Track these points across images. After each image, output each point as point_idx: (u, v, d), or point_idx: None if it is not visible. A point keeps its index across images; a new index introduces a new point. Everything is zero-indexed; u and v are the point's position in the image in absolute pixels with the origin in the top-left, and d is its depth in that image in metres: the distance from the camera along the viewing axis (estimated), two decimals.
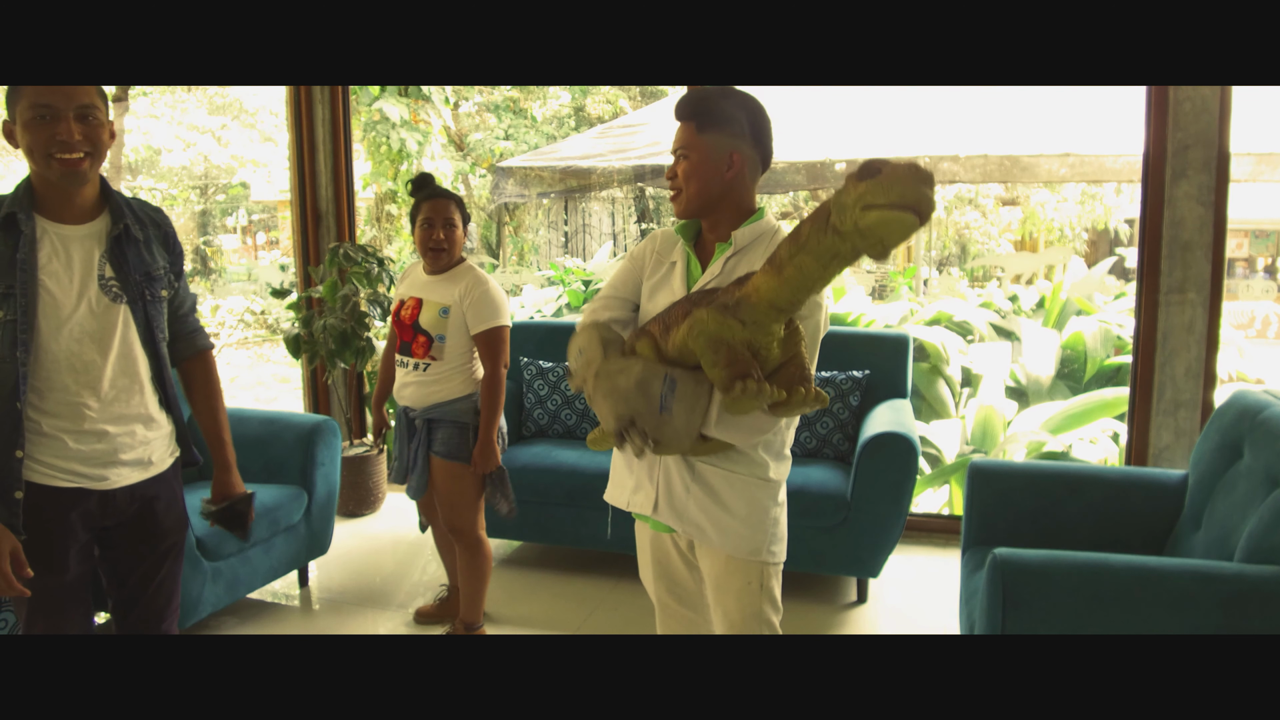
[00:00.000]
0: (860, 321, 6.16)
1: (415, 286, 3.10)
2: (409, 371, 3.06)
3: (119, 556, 2.08)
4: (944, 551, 4.06)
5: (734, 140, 1.88)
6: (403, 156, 10.61)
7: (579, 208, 13.81)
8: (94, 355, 1.95)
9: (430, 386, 3.05)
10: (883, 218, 1.39)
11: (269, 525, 3.40)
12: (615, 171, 7.55)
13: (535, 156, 8.61)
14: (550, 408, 4.22)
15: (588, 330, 1.90)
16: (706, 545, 1.94)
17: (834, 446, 3.83)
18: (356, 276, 4.55)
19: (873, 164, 1.41)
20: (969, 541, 2.85)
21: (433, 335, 3.01)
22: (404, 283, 3.17)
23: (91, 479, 1.98)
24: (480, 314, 3.00)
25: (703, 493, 1.89)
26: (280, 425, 3.75)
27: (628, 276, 2.04)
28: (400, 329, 3.09)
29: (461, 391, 3.06)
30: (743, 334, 1.63)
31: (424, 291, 3.06)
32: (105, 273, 1.97)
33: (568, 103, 13.77)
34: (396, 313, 3.11)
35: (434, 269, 3.07)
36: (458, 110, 13.13)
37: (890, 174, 1.38)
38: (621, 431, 1.76)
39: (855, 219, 1.42)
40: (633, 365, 1.76)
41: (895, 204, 1.37)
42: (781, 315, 1.63)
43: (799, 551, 3.46)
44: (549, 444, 4.06)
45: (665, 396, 1.72)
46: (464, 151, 13.27)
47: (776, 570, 1.96)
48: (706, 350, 1.66)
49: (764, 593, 1.93)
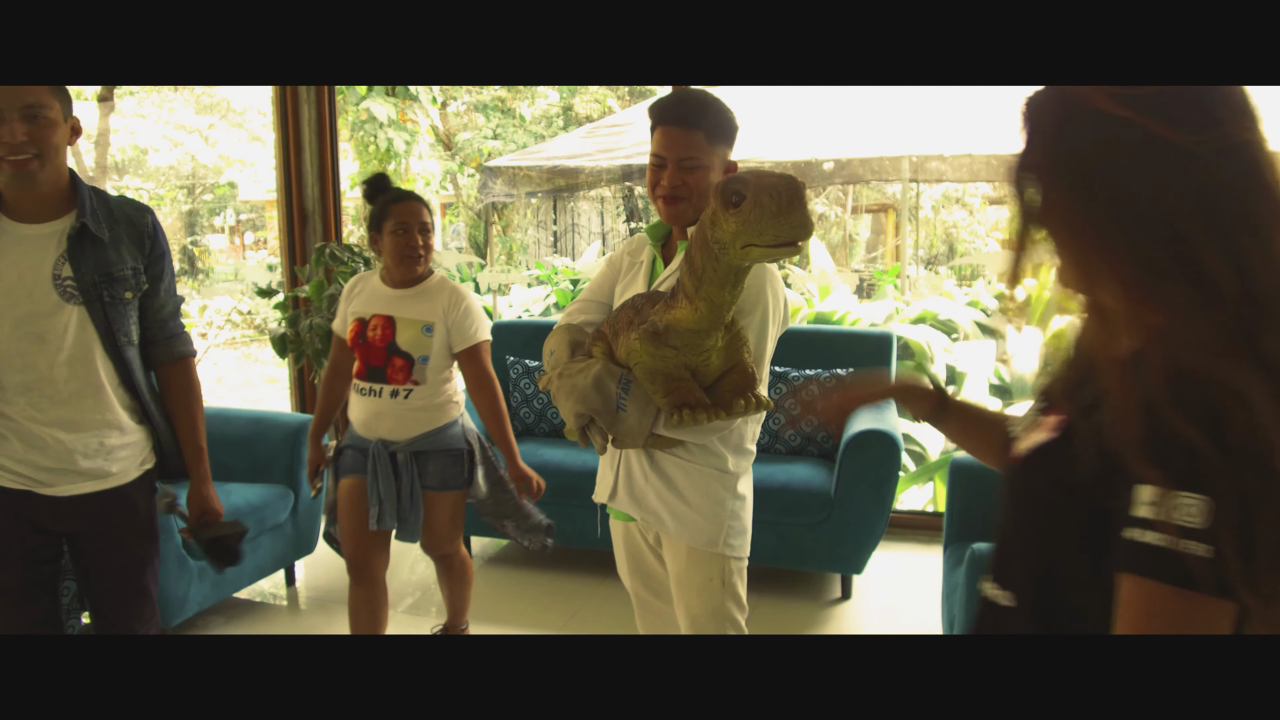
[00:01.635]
0: (846, 320, 6.18)
1: (378, 302, 2.69)
2: (383, 400, 2.65)
3: (88, 565, 2.05)
4: (928, 548, 4.09)
5: (728, 149, 1.92)
6: (390, 156, 10.61)
7: (567, 207, 13.82)
8: (37, 357, 1.90)
9: (415, 415, 2.67)
10: (764, 254, 1.46)
11: (256, 524, 3.40)
12: (603, 171, 7.57)
13: (523, 156, 8.61)
14: (536, 406, 4.24)
15: (559, 333, 2.00)
16: (664, 534, 1.96)
17: (817, 444, 3.85)
18: (343, 276, 4.55)
19: (733, 185, 1.46)
20: (951, 538, 2.88)
21: (414, 357, 2.63)
22: (357, 299, 2.74)
23: (39, 483, 1.94)
24: (466, 329, 2.67)
25: (660, 481, 1.92)
26: (267, 425, 3.75)
27: (604, 281, 2.09)
28: (367, 353, 2.66)
29: (450, 416, 2.73)
30: (677, 359, 1.69)
31: (393, 308, 2.65)
32: (62, 272, 1.92)
33: (556, 102, 13.78)
34: (358, 334, 2.67)
35: (404, 281, 2.68)
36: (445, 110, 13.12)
37: (755, 210, 1.42)
38: (582, 428, 1.84)
39: (740, 256, 1.48)
40: (591, 366, 1.83)
41: (771, 243, 1.43)
42: (709, 334, 1.67)
43: (783, 548, 3.49)
44: (535, 442, 4.07)
45: (619, 396, 1.79)
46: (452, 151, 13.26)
47: (740, 567, 1.97)
48: (645, 380, 1.74)
49: (726, 589, 1.95)
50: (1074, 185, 0.86)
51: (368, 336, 2.65)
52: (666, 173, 1.87)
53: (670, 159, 1.86)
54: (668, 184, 1.87)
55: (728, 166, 1.91)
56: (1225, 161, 0.82)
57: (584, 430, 1.84)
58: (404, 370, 2.64)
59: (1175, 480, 0.77)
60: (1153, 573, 0.77)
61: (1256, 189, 0.82)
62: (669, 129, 1.86)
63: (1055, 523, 0.91)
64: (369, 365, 2.66)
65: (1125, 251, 0.84)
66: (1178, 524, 0.76)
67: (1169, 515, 0.76)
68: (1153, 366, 0.80)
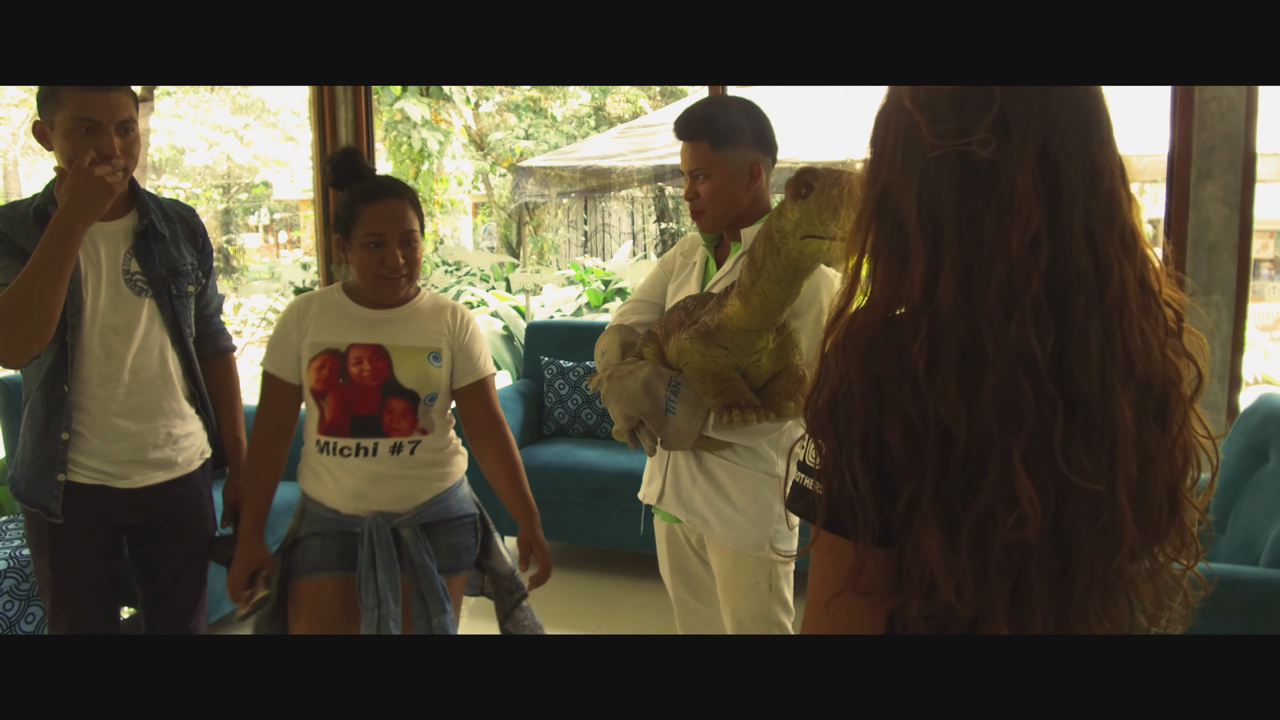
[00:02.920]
0: None
1: (356, 328, 1.98)
2: (381, 460, 1.96)
3: (147, 554, 2.09)
4: None
5: (748, 150, 1.90)
6: (424, 156, 10.69)
7: (599, 207, 13.84)
8: (118, 348, 1.96)
9: (425, 474, 2.02)
10: (821, 247, 1.45)
11: None
12: (635, 171, 7.56)
13: (555, 156, 8.63)
14: (571, 407, 4.23)
15: (611, 333, 1.98)
16: (710, 537, 1.95)
17: None
18: None
19: (804, 177, 1.46)
20: None
21: (421, 396, 1.97)
22: (316, 324, 1.99)
23: (114, 477, 1.99)
24: (475, 358, 2.05)
25: (708, 484, 1.91)
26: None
27: (657, 281, 2.09)
28: (348, 398, 1.95)
29: (460, 470, 2.11)
30: (727, 359, 1.69)
31: (382, 335, 1.97)
32: (131, 267, 1.99)
33: (588, 102, 13.81)
34: (332, 374, 1.95)
35: (389, 301, 2.00)
36: (478, 110, 13.19)
37: (820, 200, 1.42)
38: (631, 430, 1.84)
39: (799, 247, 1.48)
40: (640, 368, 1.83)
41: (830, 236, 1.42)
42: (760, 335, 1.66)
43: None
44: (569, 443, 4.07)
45: (669, 399, 1.79)
46: (484, 151, 13.33)
47: (786, 571, 1.96)
48: (695, 380, 1.74)
49: (773, 593, 1.93)
50: (868, 166, 0.90)
51: (351, 374, 1.95)
52: (688, 185, 1.93)
53: (686, 172, 1.92)
54: (688, 196, 1.94)
55: (753, 167, 1.90)
56: (949, 170, 0.82)
57: (633, 432, 1.84)
58: (407, 415, 1.96)
59: (809, 427, 0.88)
60: (791, 505, 0.92)
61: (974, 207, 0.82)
62: (681, 144, 1.92)
63: None
64: (354, 415, 1.94)
65: (868, 232, 0.88)
66: (806, 463, 0.89)
67: (804, 455, 0.90)
68: (829, 331, 0.88)
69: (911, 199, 0.84)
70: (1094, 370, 0.80)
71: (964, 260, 0.81)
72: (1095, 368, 0.80)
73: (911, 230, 0.83)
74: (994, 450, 0.79)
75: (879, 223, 0.87)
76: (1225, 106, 3.45)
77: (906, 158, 0.85)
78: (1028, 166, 0.80)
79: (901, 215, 0.84)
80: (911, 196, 0.84)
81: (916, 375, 0.81)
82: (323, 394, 1.96)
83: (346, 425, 1.95)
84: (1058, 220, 0.80)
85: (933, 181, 0.83)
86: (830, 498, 0.85)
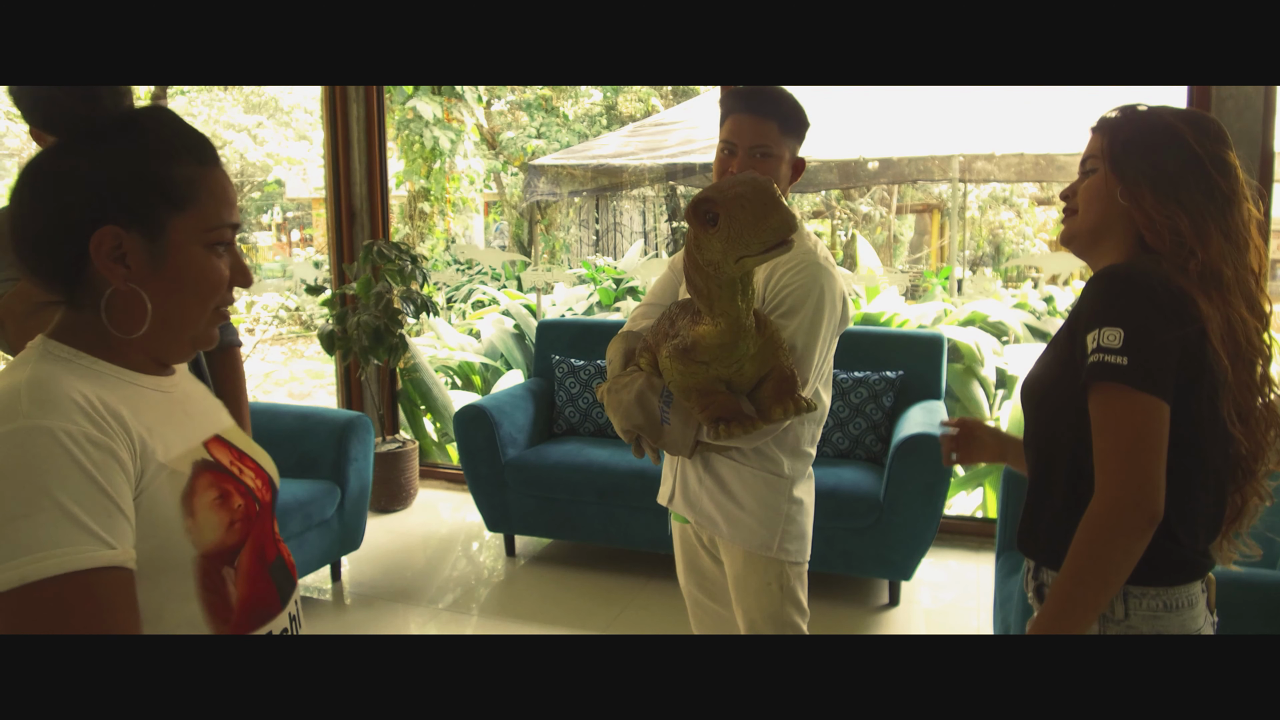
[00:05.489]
0: (894, 321, 6.11)
1: (197, 420, 1.19)
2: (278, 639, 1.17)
3: None
4: (977, 555, 4.02)
5: (798, 147, 1.90)
6: (435, 154, 10.69)
7: (610, 206, 13.84)
8: None
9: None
10: (758, 260, 1.45)
11: (302, 520, 3.43)
12: (647, 170, 7.56)
13: (567, 155, 8.63)
14: (581, 405, 4.23)
15: (616, 341, 1.95)
16: (719, 538, 1.94)
17: (866, 447, 3.80)
18: (390, 274, 4.58)
19: (704, 206, 1.46)
20: (1004, 545, 2.82)
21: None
22: (143, 423, 1.02)
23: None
24: None
25: (715, 485, 1.91)
26: (314, 421, 3.78)
27: (666, 285, 2.06)
28: (257, 537, 1.13)
29: None
30: (708, 373, 1.65)
31: (218, 422, 1.25)
32: None
33: (599, 101, 13.80)
34: (230, 478, 1.12)
35: (169, 365, 1.22)
36: (490, 108, 13.20)
37: (733, 225, 1.43)
38: (634, 440, 1.83)
39: (736, 268, 1.48)
40: (634, 381, 1.81)
41: (760, 250, 1.43)
42: (737, 345, 1.62)
43: (830, 553, 3.45)
44: (580, 442, 4.06)
45: (663, 409, 1.78)
46: (496, 149, 13.33)
47: (798, 571, 1.94)
48: (681, 397, 1.72)
49: (785, 594, 1.92)
50: (1141, 172, 1.33)
51: (257, 495, 1.15)
52: (736, 160, 1.84)
53: (741, 146, 1.83)
54: (736, 171, 1.85)
55: (796, 163, 1.89)
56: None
57: (636, 442, 1.84)
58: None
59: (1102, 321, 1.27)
60: (1098, 377, 1.25)
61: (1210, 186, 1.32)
62: (741, 116, 1.84)
63: (1049, 400, 1.40)
64: (264, 562, 1.15)
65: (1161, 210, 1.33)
66: (1104, 346, 1.25)
67: (1102, 342, 1.25)
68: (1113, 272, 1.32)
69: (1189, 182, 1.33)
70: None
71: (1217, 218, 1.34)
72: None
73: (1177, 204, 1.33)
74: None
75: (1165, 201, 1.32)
76: (1242, 105, 3.42)
77: (1181, 162, 1.32)
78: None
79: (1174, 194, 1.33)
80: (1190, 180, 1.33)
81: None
82: (245, 521, 1.13)
83: (263, 564, 1.16)
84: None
85: (1197, 170, 1.33)
86: (1134, 361, 1.23)
